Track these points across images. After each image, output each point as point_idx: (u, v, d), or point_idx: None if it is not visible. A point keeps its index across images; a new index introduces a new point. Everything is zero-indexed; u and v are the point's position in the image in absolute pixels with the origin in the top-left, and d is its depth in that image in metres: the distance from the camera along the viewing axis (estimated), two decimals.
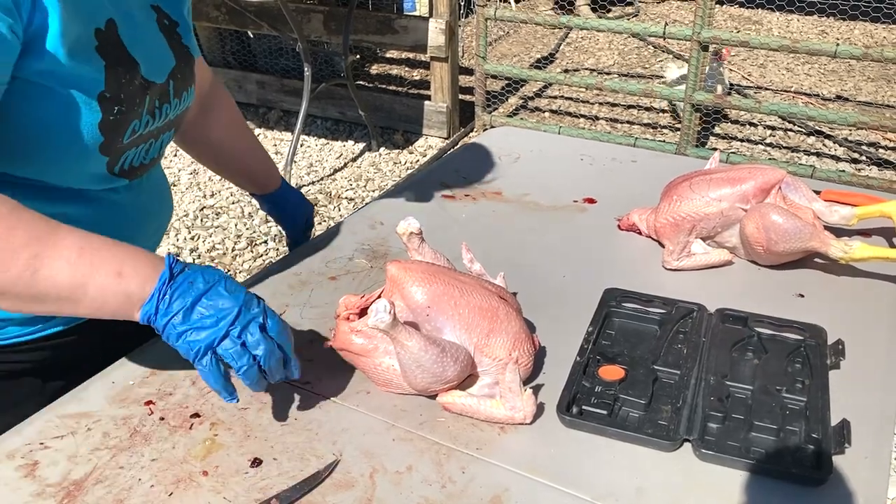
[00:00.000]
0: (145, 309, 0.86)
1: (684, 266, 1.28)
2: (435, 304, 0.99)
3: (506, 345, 0.99)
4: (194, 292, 0.87)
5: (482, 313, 0.99)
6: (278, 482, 0.88)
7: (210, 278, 0.89)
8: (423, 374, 0.95)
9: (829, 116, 3.53)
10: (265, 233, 3.58)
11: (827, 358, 1.05)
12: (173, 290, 0.86)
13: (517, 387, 0.95)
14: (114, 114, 0.97)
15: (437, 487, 0.88)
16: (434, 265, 1.06)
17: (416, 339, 0.93)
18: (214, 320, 0.86)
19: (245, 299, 0.89)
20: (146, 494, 0.87)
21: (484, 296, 1.01)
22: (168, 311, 0.86)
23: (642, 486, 0.88)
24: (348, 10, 4.09)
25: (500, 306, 1.01)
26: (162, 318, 0.86)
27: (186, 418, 0.98)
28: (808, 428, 0.94)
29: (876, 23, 5.74)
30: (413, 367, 0.95)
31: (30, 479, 0.89)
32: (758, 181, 1.25)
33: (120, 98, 0.97)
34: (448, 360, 0.95)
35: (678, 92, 3.81)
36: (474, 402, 0.96)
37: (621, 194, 1.52)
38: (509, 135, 1.89)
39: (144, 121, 1.04)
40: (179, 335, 0.86)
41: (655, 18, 6.25)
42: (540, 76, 4.28)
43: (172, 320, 0.86)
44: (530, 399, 0.95)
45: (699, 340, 1.08)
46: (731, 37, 3.60)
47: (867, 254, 1.18)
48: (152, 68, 1.04)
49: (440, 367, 0.95)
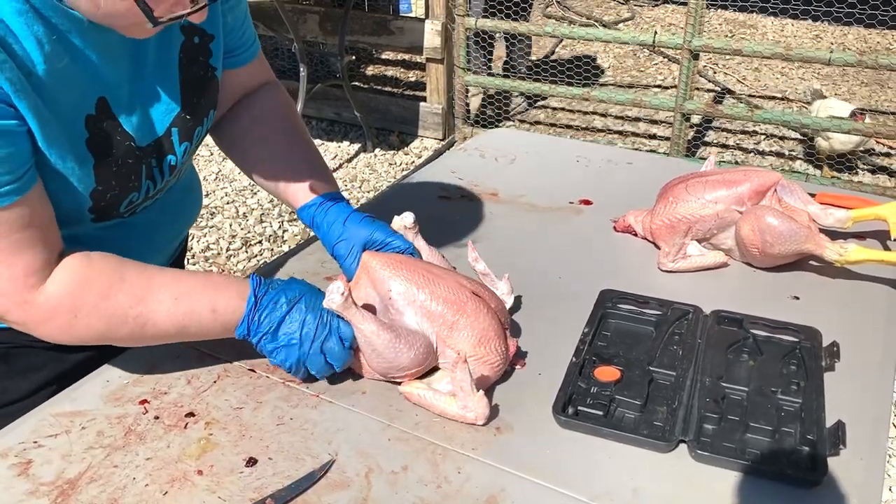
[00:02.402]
0: (239, 331, 0.99)
1: (680, 268, 1.28)
2: (397, 290, 1.01)
3: (470, 339, 0.98)
4: (279, 314, 0.98)
5: (447, 304, 0.99)
6: (273, 482, 0.88)
7: (292, 296, 0.99)
8: (377, 357, 0.98)
9: (823, 124, 3.50)
10: (260, 233, 3.57)
11: (822, 360, 1.05)
12: (259, 313, 0.98)
13: (468, 386, 0.94)
14: (106, 199, 0.99)
15: (433, 488, 0.87)
16: (410, 257, 1.07)
17: (370, 322, 0.96)
18: (298, 339, 0.98)
19: (323, 314, 0.99)
20: (140, 493, 0.86)
21: (452, 288, 1.01)
22: (258, 331, 0.99)
23: (638, 487, 0.88)
24: (344, 11, 4.09)
25: (468, 301, 1.00)
26: (254, 337, 0.99)
27: (181, 417, 0.97)
28: (803, 429, 0.94)
29: (870, 28, 5.76)
30: (368, 351, 0.98)
31: (23, 478, 0.88)
32: (753, 184, 1.26)
33: (112, 185, 0.99)
34: (402, 345, 0.96)
35: (666, 101, 3.70)
36: (430, 395, 0.97)
37: (617, 196, 1.52)
38: (505, 136, 1.89)
39: (145, 187, 1.04)
40: (271, 352, 0.99)
41: (651, 22, 6.27)
42: (523, 87, 4.05)
43: (263, 339, 0.99)
44: (482, 400, 0.94)
45: (695, 342, 1.08)
46: (723, 44, 3.54)
47: (862, 256, 1.19)
48: (148, 130, 1.02)
49: (393, 352, 0.96)
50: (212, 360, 1.07)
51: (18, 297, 0.91)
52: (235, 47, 1.16)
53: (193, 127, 1.08)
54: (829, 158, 3.87)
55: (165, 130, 1.04)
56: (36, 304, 0.91)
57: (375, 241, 1.10)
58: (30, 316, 0.92)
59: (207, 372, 1.05)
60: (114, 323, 0.94)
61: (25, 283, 0.90)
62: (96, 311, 0.93)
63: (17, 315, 0.92)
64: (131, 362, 1.07)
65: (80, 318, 0.93)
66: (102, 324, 0.94)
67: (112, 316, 0.94)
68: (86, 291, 0.93)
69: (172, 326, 0.97)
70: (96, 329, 0.94)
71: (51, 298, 0.92)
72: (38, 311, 0.92)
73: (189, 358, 1.08)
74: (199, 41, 1.07)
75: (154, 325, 0.96)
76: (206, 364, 1.07)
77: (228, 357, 1.07)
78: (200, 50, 1.07)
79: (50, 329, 0.94)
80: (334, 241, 1.12)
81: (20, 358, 1.11)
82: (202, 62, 1.08)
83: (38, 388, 1.12)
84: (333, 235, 1.13)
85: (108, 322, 0.94)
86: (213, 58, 1.09)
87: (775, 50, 3.47)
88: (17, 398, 1.11)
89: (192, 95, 1.07)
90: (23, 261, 0.90)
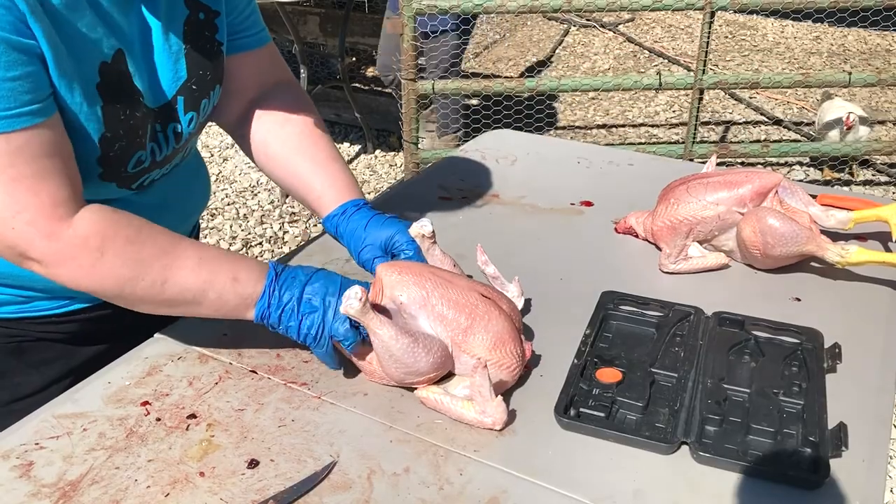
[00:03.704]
0: (259, 305, 0.98)
1: (681, 269, 1.28)
2: (409, 295, 1.00)
3: (485, 343, 0.98)
4: (299, 284, 0.99)
5: (458, 308, 0.99)
6: (275, 483, 0.88)
7: (309, 271, 1.01)
8: (395, 363, 0.97)
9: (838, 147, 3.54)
10: (260, 235, 3.57)
11: (823, 361, 1.05)
12: (280, 285, 0.98)
13: (487, 391, 0.94)
14: (114, 150, 0.99)
15: (435, 489, 0.87)
16: (422, 264, 1.07)
17: (388, 327, 0.95)
18: (321, 304, 0.98)
19: (342, 280, 1.00)
20: (142, 495, 0.86)
21: (465, 293, 1.00)
22: (280, 303, 0.98)
23: (640, 489, 0.88)
24: (345, 13, 4.09)
25: (479, 303, 1.00)
26: (276, 311, 0.98)
27: (183, 419, 0.97)
28: (804, 431, 0.94)
29: (870, 29, 5.76)
30: (385, 357, 0.97)
31: (25, 480, 0.88)
32: (755, 185, 1.26)
33: (119, 133, 0.99)
34: (420, 350, 0.96)
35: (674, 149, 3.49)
36: (447, 400, 0.97)
37: (618, 197, 1.52)
38: (506, 137, 1.89)
39: (150, 148, 1.05)
40: (296, 325, 0.98)
41: (650, 23, 6.27)
42: None
43: (285, 310, 0.98)
44: (500, 405, 0.94)
45: (696, 343, 1.08)
46: (738, 79, 3.39)
47: (863, 258, 1.19)
48: (156, 93, 1.04)
49: (411, 357, 0.95)
50: (213, 361, 1.07)
51: (46, 228, 0.88)
52: (240, 29, 1.18)
53: (199, 98, 1.10)
54: (833, 159, 3.88)
55: (172, 97, 1.06)
56: (63, 237, 0.89)
57: (395, 244, 1.12)
58: (54, 251, 0.89)
59: (209, 373, 1.05)
60: (138, 270, 0.92)
61: (53, 213, 0.88)
62: (123, 253, 0.92)
63: (41, 249, 0.89)
64: (133, 364, 1.07)
65: (106, 259, 0.91)
66: (127, 269, 0.92)
67: (138, 262, 0.92)
68: (115, 232, 0.92)
69: (193, 286, 0.95)
70: (119, 274, 0.92)
71: (78, 233, 0.90)
72: (63, 246, 0.89)
73: (190, 359, 1.08)
74: (204, 17, 1.09)
75: (175, 283, 0.94)
76: (208, 365, 1.06)
77: (230, 359, 1.07)
78: (206, 25, 1.10)
79: (72, 269, 0.91)
80: (359, 249, 1.15)
81: (32, 352, 1.12)
82: (208, 37, 1.10)
83: (50, 383, 1.13)
84: (357, 243, 1.15)
85: (132, 268, 0.92)
86: (218, 33, 1.12)
87: (794, 78, 3.35)
88: (29, 392, 1.12)
89: (198, 68, 1.09)
90: (48, 189, 0.88)
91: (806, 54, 5.60)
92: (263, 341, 1.10)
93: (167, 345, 1.10)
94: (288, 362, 1.07)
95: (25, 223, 0.88)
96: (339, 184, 1.20)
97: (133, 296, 0.95)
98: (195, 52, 1.08)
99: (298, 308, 0.98)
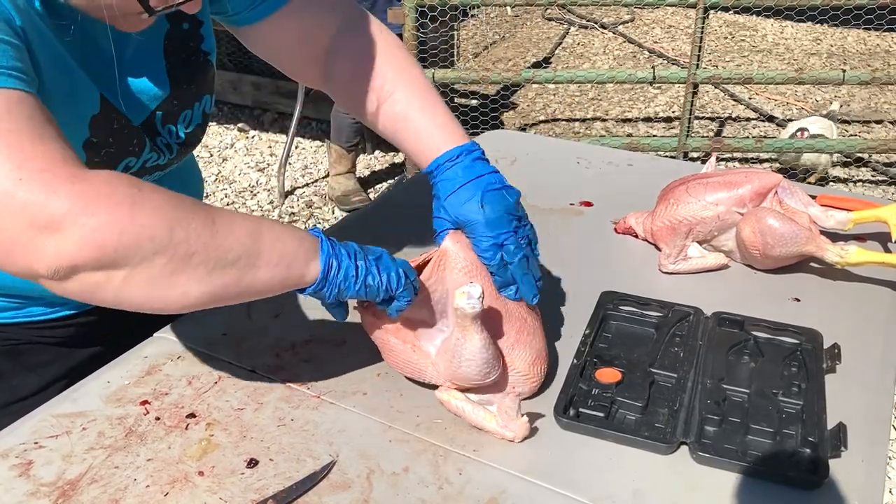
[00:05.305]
0: (324, 247, 0.86)
1: (681, 269, 1.28)
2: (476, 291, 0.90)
3: (527, 359, 0.97)
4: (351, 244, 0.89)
5: (510, 320, 0.98)
6: (274, 483, 0.88)
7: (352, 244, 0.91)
8: (468, 367, 0.91)
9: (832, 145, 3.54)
10: None
11: (823, 362, 1.05)
12: (332, 241, 0.88)
13: (514, 412, 0.93)
14: (100, 156, 0.97)
15: (434, 489, 0.87)
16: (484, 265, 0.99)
17: (485, 334, 0.90)
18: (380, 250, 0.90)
19: None
20: (141, 494, 0.86)
21: (515, 306, 0.99)
22: (347, 248, 0.87)
23: (639, 489, 0.88)
24: None
25: (527, 318, 1.00)
26: (344, 255, 0.86)
27: (182, 418, 0.97)
28: (804, 431, 0.94)
29: (869, 30, 5.77)
30: (460, 357, 0.91)
31: (24, 479, 0.88)
32: (754, 185, 1.26)
33: (108, 142, 0.97)
34: (497, 364, 0.94)
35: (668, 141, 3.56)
36: (469, 409, 0.95)
37: (618, 197, 1.52)
38: (505, 137, 1.89)
39: (143, 158, 1.03)
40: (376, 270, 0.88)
41: (650, 24, 6.27)
42: None
43: (357, 255, 0.87)
44: (525, 426, 0.93)
45: (696, 344, 1.08)
46: (731, 74, 3.43)
47: (863, 258, 1.19)
48: (136, 112, 1.02)
49: (488, 367, 0.92)
50: (213, 361, 1.07)
51: (65, 170, 0.72)
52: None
53: (180, 111, 1.07)
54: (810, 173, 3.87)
55: (151, 113, 1.04)
56: (87, 178, 0.73)
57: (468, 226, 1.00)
58: (80, 193, 0.71)
59: (208, 373, 1.05)
60: (183, 210, 0.77)
61: (65, 160, 0.74)
62: (160, 192, 0.77)
63: (67, 193, 0.71)
64: (132, 363, 1.07)
65: (145, 195, 0.75)
66: (170, 207, 0.76)
67: (179, 201, 0.78)
68: (140, 181, 0.78)
69: (245, 230, 0.81)
70: (164, 213, 0.75)
71: (102, 174, 0.75)
72: (90, 185, 0.72)
73: (190, 359, 1.07)
74: (188, 27, 1.05)
75: (226, 227, 0.79)
76: (207, 365, 1.06)
77: (229, 358, 1.07)
78: (190, 36, 1.06)
79: (109, 211, 0.72)
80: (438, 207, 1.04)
81: (29, 355, 1.11)
82: (192, 48, 1.07)
83: (47, 385, 1.12)
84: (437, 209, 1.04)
85: (176, 206, 0.76)
86: (204, 42, 1.08)
87: (788, 75, 3.40)
88: (26, 395, 1.11)
89: (181, 82, 1.06)
90: (53, 145, 0.75)
91: (805, 55, 5.60)
92: (263, 341, 1.10)
93: (167, 344, 1.10)
94: (287, 362, 1.07)
95: (38, 170, 0.71)
96: (433, 129, 1.08)
97: (186, 242, 0.76)
98: (177, 67, 1.05)
99: (366, 254, 0.88)
